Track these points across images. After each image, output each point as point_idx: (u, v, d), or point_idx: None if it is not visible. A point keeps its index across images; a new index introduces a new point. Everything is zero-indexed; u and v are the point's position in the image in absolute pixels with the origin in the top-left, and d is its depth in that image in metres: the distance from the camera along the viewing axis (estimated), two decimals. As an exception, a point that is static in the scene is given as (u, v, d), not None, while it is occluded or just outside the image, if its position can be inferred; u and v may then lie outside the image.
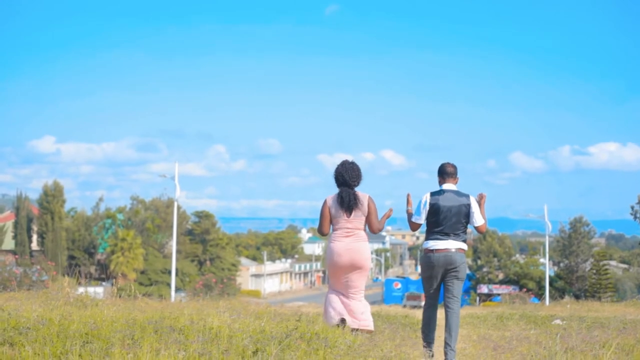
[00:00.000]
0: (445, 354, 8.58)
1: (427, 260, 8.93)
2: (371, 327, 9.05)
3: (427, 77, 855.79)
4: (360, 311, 9.04)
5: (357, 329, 8.82)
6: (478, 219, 8.95)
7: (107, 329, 7.31)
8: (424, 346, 8.95)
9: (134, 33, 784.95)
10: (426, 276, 9.01)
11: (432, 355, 8.80)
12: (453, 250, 8.81)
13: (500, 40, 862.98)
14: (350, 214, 9.06)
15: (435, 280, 8.93)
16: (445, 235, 8.86)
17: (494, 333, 10.75)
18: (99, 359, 6.23)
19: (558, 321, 12.56)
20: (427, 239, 9.04)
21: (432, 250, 8.88)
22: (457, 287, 8.90)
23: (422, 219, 9.01)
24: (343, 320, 8.96)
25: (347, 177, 9.10)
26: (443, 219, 8.86)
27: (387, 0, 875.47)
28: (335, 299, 9.13)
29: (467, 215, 8.92)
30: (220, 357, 6.46)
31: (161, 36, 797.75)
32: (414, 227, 9.17)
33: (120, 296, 11.66)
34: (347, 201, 9.04)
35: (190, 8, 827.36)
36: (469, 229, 9.09)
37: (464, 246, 8.94)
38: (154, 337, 7.12)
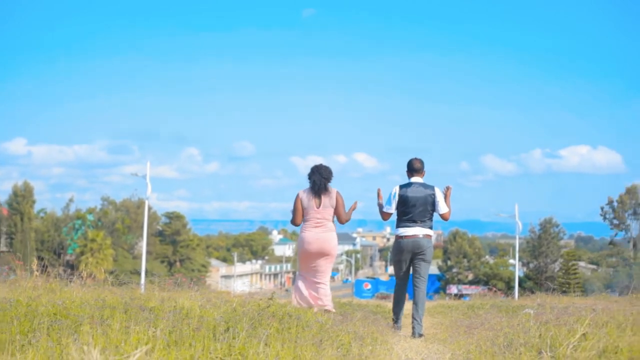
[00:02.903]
0: (413, 327, 9.55)
1: (398, 245, 10.00)
2: (331, 308, 9.97)
3: (400, 80, 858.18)
4: (323, 294, 10.05)
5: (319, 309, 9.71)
6: (442, 207, 9.96)
7: (77, 309, 7.23)
8: (392, 319, 10.15)
9: (107, 35, 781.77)
10: (396, 260, 10.08)
11: (400, 328, 9.94)
12: (420, 236, 9.86)
13: (471, 42, 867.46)
14: (320, 203, 10.02)
15: (405, 263, 9.99)
16: (413, 222, 9.88)
17: (465, 320, 10.74)
18: (68, 336, 6.12)
19: (529, 310, 12.57)
20: (397, 226, 10.02)
21: (402, 237, 9.92)
22: (423, 268, 9.95)
23: (392, 209, 10.04)
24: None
25: (322, 170, 10.12)
26: (411, 208, 9.88)
27: (364, 3, 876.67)
28: (302, 286, 10.11)
29: (432, 204, 9.93)
30: (191, 334, 6.39)
31: (134, 39, 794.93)
32: (385, 216, 10.21)
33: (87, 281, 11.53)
34: (319, 184, 10.02)
35: (165, 11, 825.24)
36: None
37: (431, 232, 10.03)
38: (123, 316, 7.06)
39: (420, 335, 9.37)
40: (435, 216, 10.10)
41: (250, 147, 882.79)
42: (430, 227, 10.00)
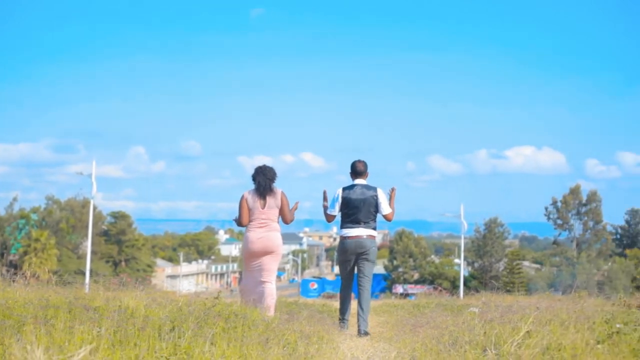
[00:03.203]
0: (359, 325, 9.81)
1: (342, 246, 10.30)
2: (272, 311, 9.86)
3: (346, 80, 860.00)
4: (268, 294, 10.08)
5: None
6: (385, 208, 10.26)
7: (20, 309, 7.12)
8: (339, 319, 10.34)
9: (52, 35, 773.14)
10: (341, 260, 10.38)
11: (346, 327, 10.11)
12: (364, 236, 10.14)
13: (414, 41, 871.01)
14: (265, 203, 10.13)
15: (349, 263, 10.27)
16: (357, 223, 10.17)
17: (411, 319, 10.79)
18: (11, 336, 6.02)
19: (474, 309, 12.69)
20: (341, 227, 10.34)
21: (345, 237, 10.22)
22: (367, 267, 10.21)
23: (335, 211, 10.36)
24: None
25: (266, 171, 10.25)
26: (354, 209, 10.18)
27: (312, 2, 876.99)
28: (249, 286, 10.24)
29: (375, 206, 10.21)
30: (136, 333, 6.33)
31: (79, 38, 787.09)
32: (329, 218, 10.48)
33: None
34: (264, 186, 10.15)
35: (111, 12, 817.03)
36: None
37: (374, 233, 10.30)
38: (67, 315, 6.97)
39: (366, 333, 9.58)
40: (381, 217, 10.38)
41: (197, 147, 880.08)
42: (374, 228, 10.30)
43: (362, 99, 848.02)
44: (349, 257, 10.21)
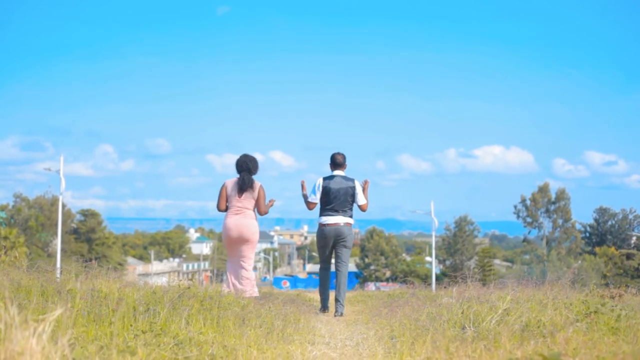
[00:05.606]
0: (336, 308, 10.60)
1: (321, 232, 10.95)
2: (255, 293, 10.68)
3: (314, 78, 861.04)
4: (245, 279, 10.79)
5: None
6: (360, 199, 10.92)
7: (-10, 291, 7.01)
8: (321, 303, 10.92)
9: (18, 31, 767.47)
10: (320, 245, 11.04)
11: (326, 310, 10.71)
12: (342, 224, 10.83)
13: (382, 39, 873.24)
14: (242, 195, 10.79)
15: (327, 248, 10.95)
16: (335, 211, 10.83)
17: (386, 307, 10.77)
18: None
19: (448, 299, 12.68)
20: (320, 215, 10.97)
21: (325, 224, 10.87)
22: (345, 253, 10.93)
23: (317, 199, 10.93)
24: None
25: (251, 165, 10.90)
26: (333, 198, 10.79)
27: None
28: (231, 271, 10.84)
29: (352, 196, 10.86)
30: (110, 313, 6.24)
31: (47, 34, 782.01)
32: (310, 206, 11.06)
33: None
34: (242, 182, 10.80)
35: (77, 7, 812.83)
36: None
37: (351, 220, 10.97)
38: (40, 297, 6.89)
39: (342, 314, 10.43)
40: (356, 207, 11.02)
41: (165, 145, 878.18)
42: (351, 216, 10.94)
43: (331, 98, 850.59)
44: (327, 242, 10.88)
